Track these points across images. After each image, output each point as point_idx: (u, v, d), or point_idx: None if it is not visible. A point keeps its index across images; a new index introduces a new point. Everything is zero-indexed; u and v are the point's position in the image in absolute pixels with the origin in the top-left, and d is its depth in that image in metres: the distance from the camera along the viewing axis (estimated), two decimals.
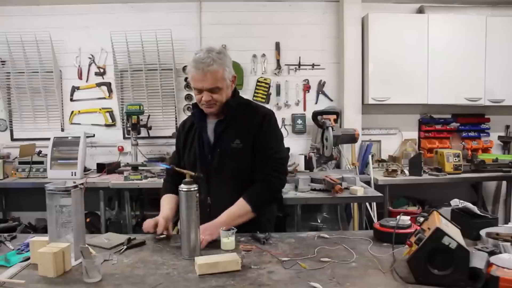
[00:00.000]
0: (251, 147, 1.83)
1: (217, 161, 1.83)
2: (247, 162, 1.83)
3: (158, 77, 4.12)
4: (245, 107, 1.90)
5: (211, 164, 1.85)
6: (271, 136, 1.87)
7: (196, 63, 1.72)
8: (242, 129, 1.84)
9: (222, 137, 1.84)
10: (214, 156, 1.84)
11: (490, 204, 4.50)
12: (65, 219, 1.45)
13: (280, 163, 1.87)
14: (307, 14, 4.20)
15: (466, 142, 4.32)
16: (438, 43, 3.95)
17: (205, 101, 1.78)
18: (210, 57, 1.71)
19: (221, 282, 1.28)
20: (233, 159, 1.82)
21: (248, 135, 1.83)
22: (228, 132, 1.84)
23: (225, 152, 1.83)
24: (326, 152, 3.19)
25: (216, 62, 1.72)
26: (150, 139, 4.21)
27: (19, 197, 4.13)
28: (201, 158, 1.87)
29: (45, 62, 4.07)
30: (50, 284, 1.29)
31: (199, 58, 1.72)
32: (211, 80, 1.73)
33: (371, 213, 3.71)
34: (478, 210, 1.68)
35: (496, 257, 1.25)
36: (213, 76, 1.72)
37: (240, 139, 1.82)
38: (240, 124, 1.84)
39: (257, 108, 1.94)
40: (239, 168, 1.83)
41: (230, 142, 1.82)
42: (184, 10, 4.15)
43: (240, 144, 1.82)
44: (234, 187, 1.81)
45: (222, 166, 1.83)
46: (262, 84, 4.21)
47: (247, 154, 1.83)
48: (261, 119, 1.85)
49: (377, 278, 1.30)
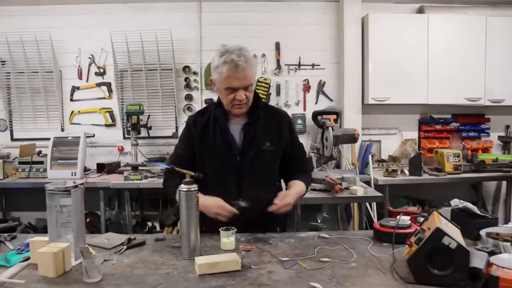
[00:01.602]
0: (282, 149, 1.90)
1: (249, 163, 1.83)
2: (276, 163, 1.91)
3: (158, 77, 4.12)
4: (265, 109, 1.93)
5: (242, 166, 1.83)
6: (295, 134, 2.01)
7: (233, 62, 1.70)
8: (272, 131, 1.87)
9: (253, 139, 1.84)
10: (245, 158, 1.83)
11: (490, 204, 4.49)
12: (65, 219, 1.45)
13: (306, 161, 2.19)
14: (307, 14, 4.20)
15: (466, 142, 4.32)
16: (438, 43, 3.95)
17: (240, 100, 1.76)
18: (245, 56, 1.74)
19: (221, 282, 1.29)
20: (264, 161, 1.85)
21: (279, 138, 1.88)
22: (259, 134, 1.85)
23: (257, 154, 1.83)
24: (326, 152, 3.19)
25: (250, 61, 1.76)
26: (150, 139, 4.21)
27: (19, 197, 4.12)
28: (229, 159, 1.84)
29: (45, 62, 4.07)
30: (50, 284, 1.30)
31: (235, 58, 1.71)
32: (248, 78, 1.76)
33: (371, 213, 3.71)
34: (478, 210, 1.68)
35: (496, 257, 1.26)
36: (249, 72, 1.76)
37: (271, 142, 1.85)
38: (269, 126, 1.88)
39: (276, 110, 2.02)
40: (269, 170, 1.89)
41: (262, 144, 1.84)
42: (184, 10, 4.15)
43: (271, 146, 1.85)
44: (265, 188, 1.84)
45: (254, 168, 1.83)
46: (262, 84, 4.21)
47: (277, 156, 1.90)
48: (288, 122, 1.96)
49: (377, 278, 1.30)
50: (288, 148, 1.92)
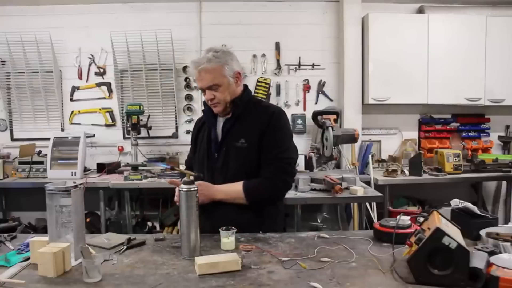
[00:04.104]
0: (257, 147, 1.78)
1: (221, 160, 1.83)
2: (251, 162, 1.79)
3: (158, 77, 4.12)
4: (254, 106, 1.88)
5: (216, 163, 1.84)
6: (279, 133, 1.80)
7: (192, 64, 1.78)
8: (248, 127, 1.81)
9: (228, 136, 1.83)
10: (220, 155, 1.84)
11: (490, 204, 4.49)
12: (65, 219, 1.45)
13: (287, 163, 1.80)
14: (307, 14, 4.20)
15: (466, 142, 4.32)
16: (438, 43, 3.95)
17: (208, 100, 1.81)
18: (205, 57, 1.75)
19: (221, 282, 1.28)
20: (237, 158, 1.80)
21: (254, 134, 1.79)
22: (234, 131, 1.82)
23: (229, 151, 1.81)
24: (326, 152, 3.19)
25: (211, 61, 1.73)
26: (150, 139, 4.21)
27: (19, 197, 4.12)
28: (209, 156, 1.87)
29: (45, 62, 4.07)
30: (50, 284, 1.29)
31: (197, 60, 1.77)
32: (208, 78, 1.75)
33: (371, 213, 3.71)
34: (478, 210, 1.68)
35: (496, 257, 1.25)
36: (209, 74, 1.74)
37: (245, 138, 1.79)
38: (247, 123, 1.82)
39: (266, 106, 1.91)
40: (242, 168, 1.79)
41: (235, 141, 1.80)
42: (184, 10, 4.15)
43: (245, 143, 1.79)
44: None
45: (225, 165, 1.82)
46: (262, 84, 4.21)
47: (252, 154, 1.79)
48: (269, 116, 1.80)
49: (377, 278, 1.30)
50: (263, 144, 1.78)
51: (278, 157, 1.78)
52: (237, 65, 1.82)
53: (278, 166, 1.78)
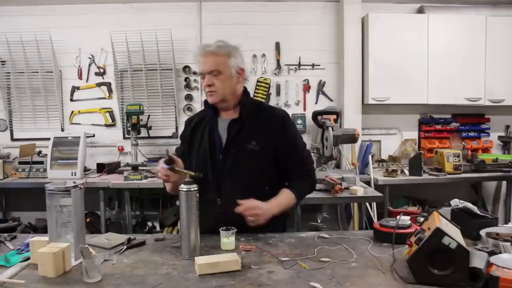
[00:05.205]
0: (272, 151, 1.78)
1: (230, 162, 1.76)
2: (263, 164, 1.78)
3: (158, 77, 4.12)
4: (257, 107, 1.86)
5: (223, 165, 1.77)
6: (297, 139, 1.89)
7: (200, 47, 1.78)
8: (260, 130, 1.78)
9: (236, 137, 1.77)
10: (227, 157, 1.77)
11: (490, 204, 4.49)
12: (65, 219, 1.45)
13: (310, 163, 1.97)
14: (307, 14, 4.20)
15: (466, 142, 4.32)
16: (438, 43, 3.95)
17: (206, 85, 1.76)
18: (215, 44, 1.76)
19: (221, 282, 1.28)
20: (248, 161, 1.75)
21: (266, 137, 1.77)
22: (244, 133, 1.77)
23: (240, 154, 1.76)
24: (326, 152, 3.19)
25: (221, 48, 1.75)
26: (150, 139, 4.21)
27: (19, 197, 4.12)
28: (212, 158, 1.79)
29: (45, 62, 4.07)
30: (50, 284, 1.29)
31: (207, 43, 1.78)
32: (212, 62, 1.74)
33: (371, 213, 3.71)
34: (478, 210, 1.68)
35: (496, 257, 1.25)
36: (214, 58, 1.74)
37: (257, 141, 1.76)
38: (257, 125, 1.79)
39: (271, 109, 1.90)
40: (254, 171, 1.76)
41: (246, 143, 1.76)
42: (184, 10, 4.15)
43: (257, 146, 1.75)
44: (247, 190, 1.72)
45: (235, 168, 1.75)
46: (262, 84, 4.21)
47: (265, 156, 1.77)
48: (281, 121, 1.82)
49: (377, 278, 1.30)
50: (279, 148, 1.79)
51: (304, 160, 1.91)
52: (242, 63, 1.82)
53: (307, 169, 1.92)
